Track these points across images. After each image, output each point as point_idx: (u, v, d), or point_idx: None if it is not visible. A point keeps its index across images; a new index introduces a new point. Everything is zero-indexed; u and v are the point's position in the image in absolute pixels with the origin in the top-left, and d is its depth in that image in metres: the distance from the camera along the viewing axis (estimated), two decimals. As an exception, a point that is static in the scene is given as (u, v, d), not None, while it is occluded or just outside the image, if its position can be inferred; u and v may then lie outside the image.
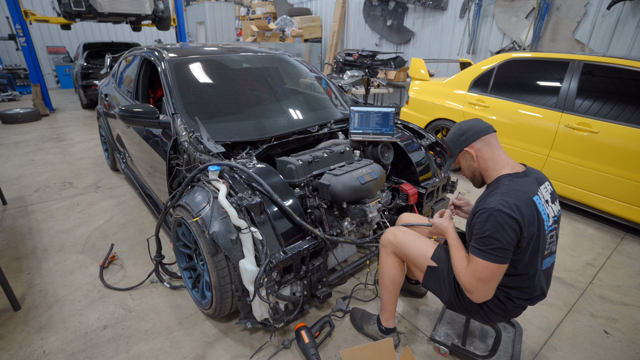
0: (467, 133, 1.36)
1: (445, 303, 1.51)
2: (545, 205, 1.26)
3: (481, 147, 1.34)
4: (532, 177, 1.30)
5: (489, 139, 1.34)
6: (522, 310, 1.40)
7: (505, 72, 3.57)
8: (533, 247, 1.23)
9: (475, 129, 1.35)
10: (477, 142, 1.35)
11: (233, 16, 11.74)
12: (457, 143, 1.39)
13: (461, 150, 1.39)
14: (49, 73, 10.63)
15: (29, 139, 5.29)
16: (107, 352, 1.72)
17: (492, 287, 1.24)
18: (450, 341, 1.74)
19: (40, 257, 2.46)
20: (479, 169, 1.38)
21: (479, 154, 1.35)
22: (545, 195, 1.29)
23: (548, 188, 1.32)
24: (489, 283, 1.22)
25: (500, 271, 1.20)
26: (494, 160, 1.33)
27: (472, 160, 1.37)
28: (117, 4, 6.03)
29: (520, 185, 1.24)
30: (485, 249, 1.19)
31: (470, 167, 1.40)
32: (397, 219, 1.90)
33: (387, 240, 1.63)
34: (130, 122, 2.12)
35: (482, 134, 1.34)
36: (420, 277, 1.56)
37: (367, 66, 6.91)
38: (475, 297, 1.26)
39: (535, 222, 1.20)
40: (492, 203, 1.19)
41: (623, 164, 2.76)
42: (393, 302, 1.69)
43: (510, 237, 1.16)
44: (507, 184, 1.25)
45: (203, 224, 1.59)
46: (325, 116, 2.66)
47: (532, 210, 1.20)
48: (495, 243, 1.17)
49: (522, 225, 1.16)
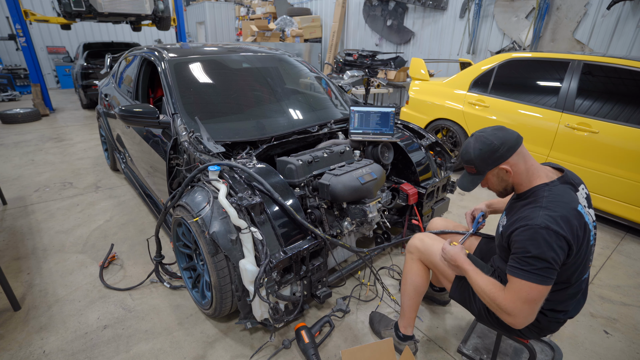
0: (502, 149, 1.20)
1: (475, 315, 1.42)
2: (588, 214, 1.17)
3: (516, 161, 1.21)
4: (569, 183, 1.21)
5: (522, 150, 1.23)
6: (558, 326, 1.29)
7: (505, 72, 3.57)
8: (580, 260, 1.14)
9: (509, 143, 1.21)
10: (513, 157, 1.21)
11: (233, 16, 11.74)
12: (490, 161, 1.22)
13: (494, 168, 1.24)
14: (49, 73, 10.63)
15: (29, 139, 5.29)
16: (107, 352, 1.72)
17: (537, 309, 1.13)
18: (479, 356, 1.64)
19: (40, 257, 2.46)
20: (511, 184, 1.26)
21: (514, 168, 1.22)
22: (583, 200, 1.20)
23: (583, 192, 1.23)
24: (536, 305, 1.12)
25: (546, 292, 1.10)
26: (528, 171, 1.22)
27: (507, 176, 1.23)
28: (117, 4, 6.03)
29: (561, 195, 1.14)
30: (530, 270, 1.08)
31: (502, 182, 1.27)
32: (428, 224, 1.84)
33: (414, 246, 1.57)
34: (130, 122, 2.12)
35: (517, 147, 1.21)
36: (448, 286, 1.48)
37: (367, 66, 6.91)
38: (518, 321, 1.13)
39: (582, 234, 1.11)
40: (536, 219, 1.09)
41: (623, 164, 2.76)
42: (414, 309, 1.63)
43: (558, 257, 1.06)
44: (547, 195, 1.14)
45: (203, 224, 1.59)
46: (325, 116, 2.66)
47: (579, 222, 1.10)
48: (541, 263, 1.07)
49: (571, 242, 1.07)
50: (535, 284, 1.08)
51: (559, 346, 1.72)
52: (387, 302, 2.10)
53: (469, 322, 1.94)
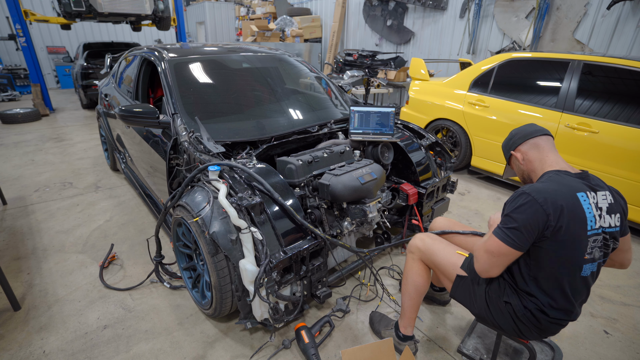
0: (515, 137, 1.38)
1: (475, 315, 1.44)
2: (592, 206, 1.17)
3: (527, 149, 1.34)
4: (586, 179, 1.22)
5: (537, 141, 1.33)
6: (559, 328, 1.30)
7: (505, 72, 3.57)
8: (568, 241, 1.14)
9: (523, 133, 1.37)
10: (523, 145, 1.35)
11: (233, 16, 11.75)
12: (507, 147, 1.42)
13: (510, 155, 1.41)
14: (49, 73, 10.63)
15: (29, 139, 5.29)
16: (107, 352, 1.72)
17: (496, 263, 1.20)
18: (479, 356, 1.64)
19: (40, 257, 2.46)
20: (526, 171, 1.37)
21: (525, 156, 1.35)
22: (599, 201, 1.19)
23: (607, 197, 1.21)
24: (495, 258, 1.19)
25: (507, 251, 1.16)
26: (540, 161, 1.31)
27: (520, 163, 1.37)
28: (117, 4, 6.03)
29: (565, 179, 1.19)
30: (501, 227, 1.17)
31: (519, 170, 1.41)
32: (431, 223, 1.84)
33: (415, 246, 1.58)
34: (130, 122, 2.12)
35: (529, 137, 1.34)
36: (449, 286, 1.48)
37: (367, 66, 6.91)
38: (478, 266, 1.24)
39: (572, 217, 1.12)
40: (526, 187, 1.18)
41: (623, 164, 2.76)
42: (414, 310, 1.64)
43: (528, 221, 1.11)
44: (551, 176, 1.22)
45: (203, 224, 1.59)
46: (325, 116, 2.66)
47: (571, 203, 1.13)
48: (511, 223, 1.14)
49: (550, 212, 1.10)
50: (498, 239, 1.17)
51: (559, 346, 1.72)
52: (387, 302, 2.10)
53: (469, 322, 1.94)
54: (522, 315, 1.28)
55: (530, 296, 1.25)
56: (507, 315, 1.30)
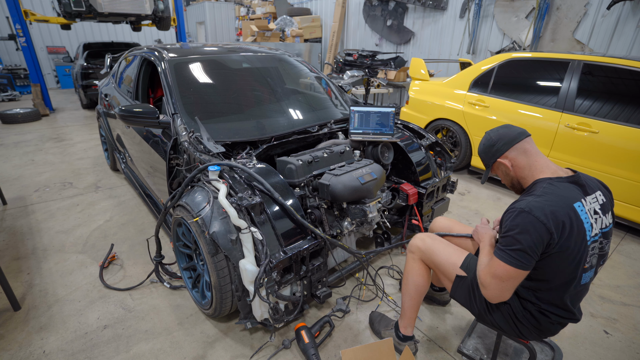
0: (498, 143, 1.31)
1: (475, 315, 1.43)
2: (589, 214, 1.17)
3: (515, 156, 1.29)
4: (577, 184, 1.21)
5: (523, 145, 1.28)
6: (559, 328, 1.30)
7: (505, 72, 3.57)
8: (569, 256, 1.13)
9: (506, 138, 1.30)
10: (510, 151, 1.29)
11: (233, 16, 11.74)
12: (489, 155, 1.35)
13: (494, 162, 1.35)
14: (49, 73, 10.63)
15: (29, 139, 5.29)
16: (107, 352, 1.72)
17: (507, 287, 1.17)
18: (479, 356, 1.64)
19: (40, 257, 2.46)
20: (515, 178, 1.32)
21: (514, 162, 1.29)
22: (592, 204, 1.19)
23: (599, 198, 1.22)
24: (503, 283, 1.16)
25: (516, 274, 1.14)
26: (530, 167, 1.27)
27: (508, 170, 1.32)
28: (117, 4, 6.03)
29: (560, 189, 1.16)
30: (505, 249, 1.14)
31: (507, 177, 1.35)
32: (431, 223, 1.83)
33: (416, 246, 1.58)
34: (130, 122, 2.12)
35: (514, 142, 1.29)
36: (449, 286, 1.49)
37: (367, 66, 6.91)
38: (488, 294, 1.20)
39: (573, 231, 1.11)
40: (522, 203, 1.14)
41: (623, 164, 2.76)
42: (414, 310, 1.63)
43: (533, 242, 1.09)
44: (545, 187, 1.18)
45: (203, 224, 1.59)
46: (325, 116, 2.66)
47: (570, 217, 1.11)
48: (516, 244, 1.11)
49: (552, 231, 1.08)
50: (504, 263, 1.13)
51: (559, 346, 1.72)
52: (386, 302, 2.10)
53: (469, 322, 1.94)
54: (522, 317, 1.28)
55: (531, 302, 1.26)
56: (507, 316, 1.31)
